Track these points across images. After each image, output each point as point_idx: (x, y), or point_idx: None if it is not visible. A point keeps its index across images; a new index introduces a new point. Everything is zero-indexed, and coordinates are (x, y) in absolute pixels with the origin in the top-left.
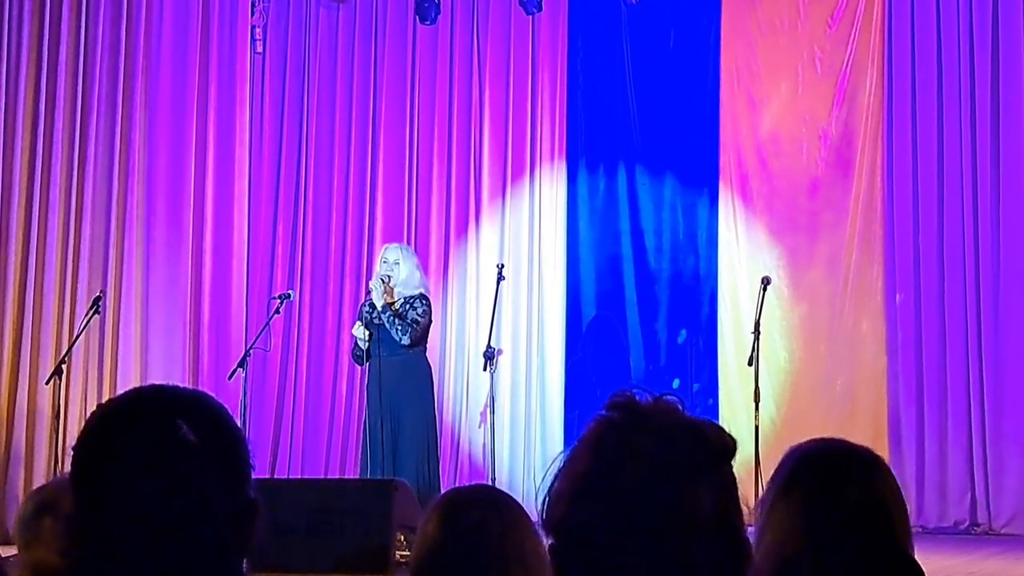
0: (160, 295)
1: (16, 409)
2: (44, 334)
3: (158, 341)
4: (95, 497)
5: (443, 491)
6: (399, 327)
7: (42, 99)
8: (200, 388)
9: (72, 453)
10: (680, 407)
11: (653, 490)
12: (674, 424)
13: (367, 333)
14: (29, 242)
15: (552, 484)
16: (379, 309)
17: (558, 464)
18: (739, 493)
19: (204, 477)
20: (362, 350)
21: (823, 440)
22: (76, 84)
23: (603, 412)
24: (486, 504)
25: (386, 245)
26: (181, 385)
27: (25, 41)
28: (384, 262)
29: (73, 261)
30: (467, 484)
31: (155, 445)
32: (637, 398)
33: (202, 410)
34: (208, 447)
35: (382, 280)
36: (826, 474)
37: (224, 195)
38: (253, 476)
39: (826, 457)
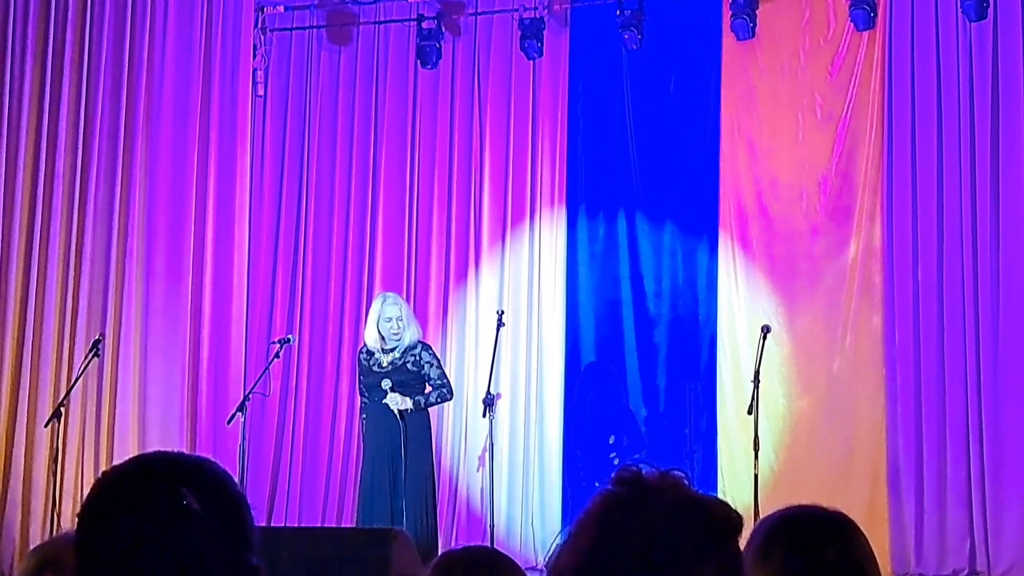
0: (159, 339)
1: (14, 452)
2: (43, 377)
3: (157, 385)
4: (100, 566)
5: (440, 538)
6: (436, 398)
7: (43, 143)
8: (199, 432)
9: (76, 521)
10: (686, 482)
11: (657, 567)
12: (680, 501)
13: (397, 398)
14: (29, 285)
15: (556, 558)
16: (411, 408)
17: (562, 537)
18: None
19: (208, 546)
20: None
21: (796, 506)
22: (77, 127)
23: (609, 487)
24: (485, 568)
25: (382, 299)
26: (184, 452)
27: (27, 89)
28: (387, 320)
29: (72, 304)
30: (464, 544)
31: (159, 515)
32: (643, 473)
33: (206, 478)
34: (212, 515)
35: (391, 384)
36: (802, 539)
37: (224, 238)
38: (256, 526)
39: (800, 522)
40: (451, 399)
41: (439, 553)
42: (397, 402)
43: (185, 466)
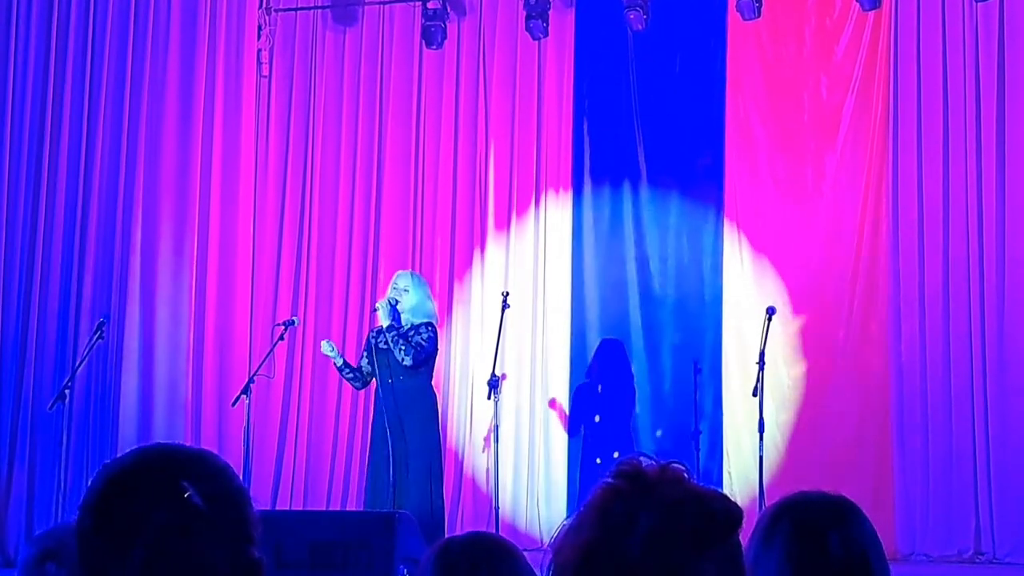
0: (164, 321)
1: (18, 435)
2: (46, 360)
3: (162, 367)
4: (101, 560)
5: (446, 518)
6: (403, 347)
7: (47, 123)
8: (203, 414)
9: (78, 514)
10: (687, 476)
11: (658, 562)
12: (680, 495)
13: (335, 348)
14: (33, 266)
15: (557, 552)
16: (384, 329)
17: (563, 531)
18: (743, 561)
19: (209, 539)
20: (353, 374)
21: (799, 493)
22: (81, 107)
23: (609, 480)
24: (482, 554)
25: (399, 272)
26: (185, 444)
27: (30, 71)
28: (394, 288)
29: (76, 286)
30: (470, 525)
31: (160, 508)
32: (644, 467)
33: (207, 471)
34: (213, 509)
35: (389, 303)
36: (804, 525)
37: (228, 220)
38: (257, 519)
39: (803, 508)
40: (404, 361)
41: (444, 533)
42: (326, 350)
43: (186, 459)
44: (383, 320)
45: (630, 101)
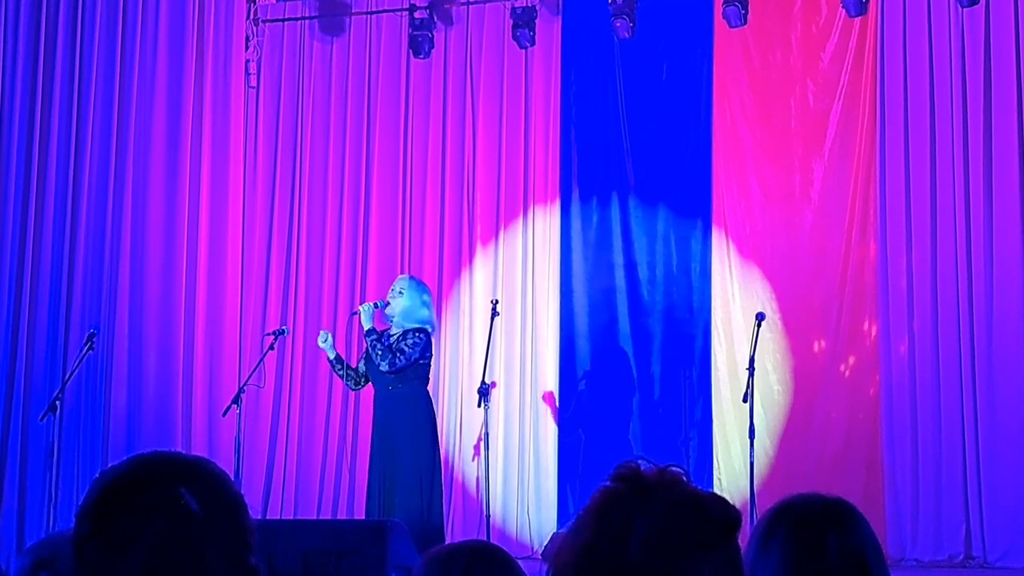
0: (154, 332)
1: (9, 447)
2: (37, 371)
3: (152, 378)
4: (98, 568)
5: (444, 527)
6: (380, 352)
7: (36, 135)
8: (194, 424)
9: (75, 521)
10: (685, 479)
11: (657, 564)
12: (679, 498)
13: (329, 341)
14: (23, 278)
15: (556, 555)
16: (366, 333)
17: (560, 528)
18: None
19: (206, 546)
20: (344, 371)
21: (796, 495)
22: (70, 119)
23: (608, 483)
24: (477, 562)
25: (401, 275)
26: (181, 451)
27: (18, 85)
28: (392, 290)
29: (67, 297)
30: (460, 532)
31: (157, 515)
32: (642, 470)
33: (204, 478)
34: (210, 516)
35: (375, 304)
36: (802, 527)
37: (218, 230)
38: (254, 526)
39: (800, 510)
40: (381, 366)
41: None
42: (322, 342)
43: (183, 466)
44: (364, 322)
45: (617, 109)
